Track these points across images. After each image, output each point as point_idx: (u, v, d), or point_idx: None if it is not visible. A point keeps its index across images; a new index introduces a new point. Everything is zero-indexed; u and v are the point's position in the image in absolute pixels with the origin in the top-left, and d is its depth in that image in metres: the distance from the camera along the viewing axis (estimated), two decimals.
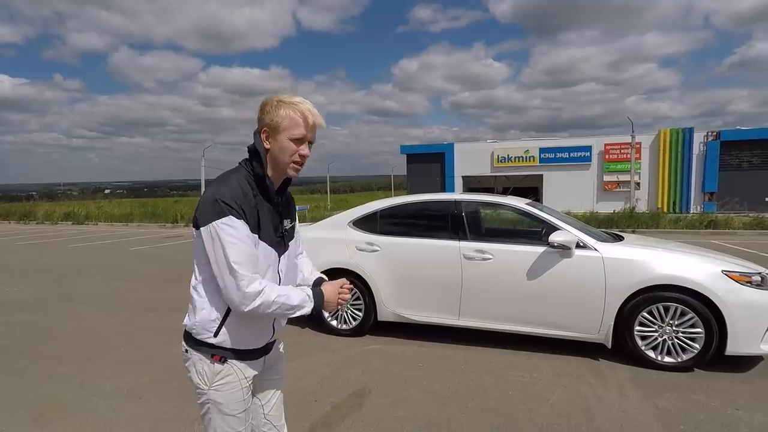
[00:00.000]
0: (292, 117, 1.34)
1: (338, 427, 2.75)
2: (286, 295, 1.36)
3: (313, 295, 1.43)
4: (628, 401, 3.04)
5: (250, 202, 1.34)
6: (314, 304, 1.42)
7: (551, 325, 3.82)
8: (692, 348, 3.44)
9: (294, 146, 1.36)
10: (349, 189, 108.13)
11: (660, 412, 2.89)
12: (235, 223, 1.29)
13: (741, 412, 2.87)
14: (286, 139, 1.34)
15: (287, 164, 1.38)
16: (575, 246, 3.71)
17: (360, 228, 4.51)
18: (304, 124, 1.35)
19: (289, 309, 1.37)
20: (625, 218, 14.76)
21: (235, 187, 1.33)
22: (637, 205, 19.18)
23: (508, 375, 3.49)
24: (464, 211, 4.24)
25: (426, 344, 4.20)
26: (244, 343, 1.43)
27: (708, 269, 3.48)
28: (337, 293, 1.49)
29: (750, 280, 3.43)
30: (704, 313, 3.37)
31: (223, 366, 1.40)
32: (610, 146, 25.17)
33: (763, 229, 13.23)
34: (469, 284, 3.98)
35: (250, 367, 1.47)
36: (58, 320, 5.15)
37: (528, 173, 27.35)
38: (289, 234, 1.53)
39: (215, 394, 1.41)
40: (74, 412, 2.97)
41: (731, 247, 10.09)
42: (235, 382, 1.42)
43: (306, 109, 1.36)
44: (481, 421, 2.81)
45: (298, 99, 1.37)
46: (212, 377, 1.40)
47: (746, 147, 22.96)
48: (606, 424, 2.75)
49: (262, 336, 1.48)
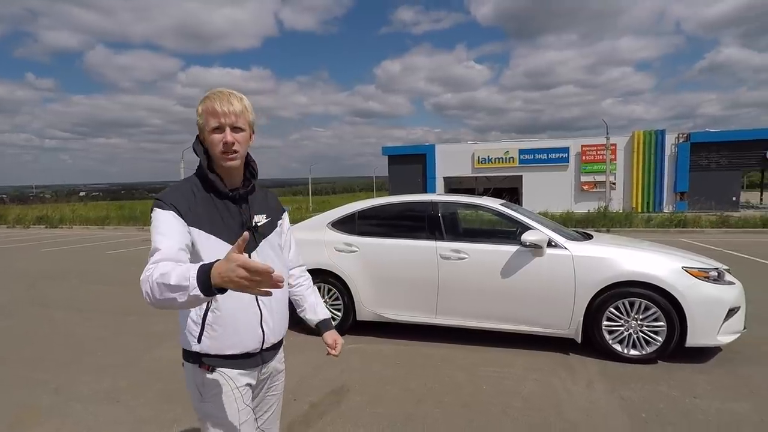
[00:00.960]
0: (205, 111, 1.33)
1: (316, 425, 2.82)
2: (167, 273, 1.08)
3: (200, 269, 1.05)
4: (595, 393, 3.19)
5: (190, 197, 1.32)
6: (199, 282, 1.03)
7: (524, 322, 3.95)
8: (656, 341, 3.62)
9: (216, 137, 1.33)
10: (331, 190, 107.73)
11: (624, 401, 3.04)
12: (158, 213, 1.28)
13: (699, 400, 3.04)
14: (209, 135, 1.33)
15: (220, 157, 1.35)
16: (546, 245, 3.86)
17: (339, 229, 4.58)
18: (213, 113, 1.32)
19: (171, 290, 1.07)
20: (599, 218, 15.20)
21: (176, 187, 1.35)
22: (610, 204, 19.72)
23: (482, 371, 3.61)
24: (441, 211, 4.35)
25: (404, 343, 4.29)
26: (229, 347, 1.36)
27: (669, 266, 3.67)
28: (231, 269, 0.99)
29: (708, 275, 3.63)
30: (666, 308, 3.56)
31: (212, 375, 1.35)
32: (587, 148, 25.85)
33: (728, 228, 13.81)
34: (446, 283, 4.09)
35: (243, 375, 1.40)
36: (32, 325, 5.06)
37: (508, 174, 27.83)
38: (262, 230, 1.46)
39: (208, 407, 1.35)
40: (51, 417, 2.96)
41: (698, 244, 10.51)
42: (228, 392, 1.35)
43: (215, 98, 1.33)
44: (455, 415, 2.92)
45: (212, 91, 1.36)
46: (204, 389, 1.35)
47: (714, 148, 23.89)
48: (574, 415, 2.88)
49: (249, 338, 1.38)
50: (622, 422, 2.78)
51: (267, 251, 1.44)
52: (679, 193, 24.33)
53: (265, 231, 1.46)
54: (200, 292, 1.03)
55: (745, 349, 3.87)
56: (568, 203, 23.59)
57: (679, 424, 2.74)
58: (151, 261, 1.17)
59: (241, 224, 1.39)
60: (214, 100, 1.32)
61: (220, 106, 1.31)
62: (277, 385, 1.58)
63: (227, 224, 1.36)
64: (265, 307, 1.41)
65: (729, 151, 23.76)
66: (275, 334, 1.46)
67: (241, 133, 1.35)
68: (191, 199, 1.32)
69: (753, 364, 3.60)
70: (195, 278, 1.04)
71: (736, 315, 3.62)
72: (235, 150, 1.34)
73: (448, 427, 2.77)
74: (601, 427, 2.72)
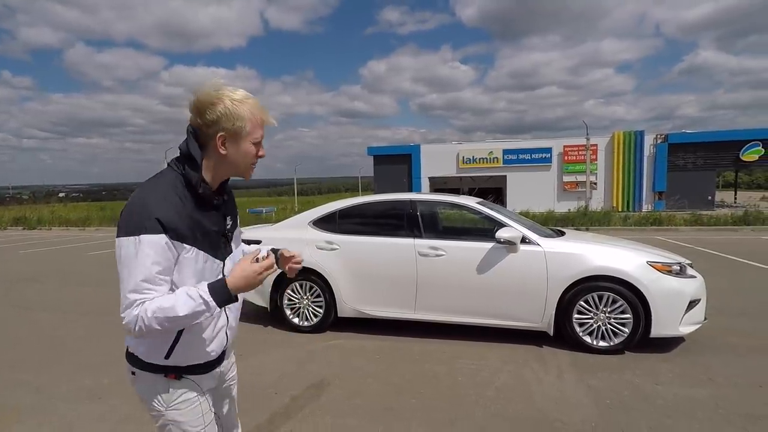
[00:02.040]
0: (252, 120, 1.24)
1: (296, 417, 2.91)
2: (169, 307, 1.13)
3: (212, 289, 1.17)
4: (564, 383, 3.34)
5: (181, 209, 1.20)
6: (220, 299, 1.18)
7: (499, 316, 4.10)
8: (622, 332, 3.80)
9: (255, 150, 1.28)
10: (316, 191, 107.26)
11: (591, 390, 3.20)
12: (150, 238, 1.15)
13: (660, 387, 3.22)
14: (249, 144, 1.25)
15: (247, 169, 1.30)
16: (520, 241, 4.01)
17: (320, 227, 4.67)
18: (262, 126, 1.27)
19: (182, 320, 1.15)
20: (579, 217, 15.56)
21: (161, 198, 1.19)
22: (591, 204, 20.16)
23: (459, 363, 3.74)
24: (419, 210, 4.47)
25: (384, 338, 4.40)
26: (199, 357, 1.35)
27: (635, 260, 3.85)
28: (252, 266, 1.22)
29: (670, 269, 3.83)
30: (632, 300, 3.74)
31: (179, 383, 1.32)
32: (569, 148, 26.33)
33: (701, 226, 14.28)
34: (424, 280, 4.21)
35: (208, 379, 1.40)
36: (11, 327, 5.03)
37: (492, 174, 28.18)
38: (232, 234, 1.42)
39: (174, 414, 1.32)
40: (32, 415, 2.98)
41: (672, 242, 10.87)
42: (194, 398, 1.35)
43: (262, 109, 1.27)
44: (432, 406, 3.03)
45: (246, 95, 1.25)
46: (169, 397, 1.31)
47: (691, 149, 24.58)
48: (544, 403, 3.03)
49: (217, 346, 1.39)
50: (588, 409, 2.93)
51: (234, 257, 1.43)
52: (658, 193, 24.98)
53: (232, 236, 1.43)
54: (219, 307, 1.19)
55: (705, 339, 4.08)
56: (551, 203, 24.00)
57: (640, 409, 2.90)
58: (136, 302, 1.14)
59: (221, 232, 1.34)
60: (265, 112, 1.27)
61: (269, 120, 1.29)
62: (233, 375, 1.61)
63: (212, 234, 1.30)
64: (231, 314, 1.42)
65: (705, 152, 24.48)
66: (234, 334, 1.48)
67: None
68: (181, 210, 1.20)
69: (713, 353, 3.80)
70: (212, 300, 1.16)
71: (697, 306, 3.81)
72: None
73: (425, 416, 2.89)
74: (568, 415, 2.87)
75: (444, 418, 2.87)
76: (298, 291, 4.60)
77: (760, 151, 23.68)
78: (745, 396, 3.06)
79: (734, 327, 4.46)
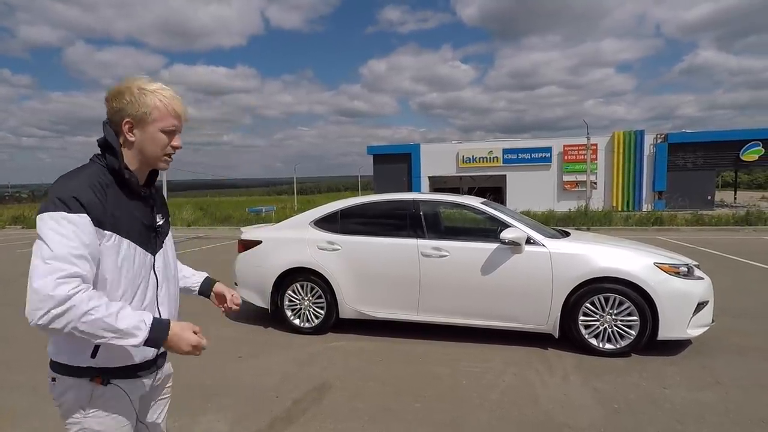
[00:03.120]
0: (161, 108, 1.23)
1: (298, 420, 2.85)
2: (113, 313, 1.09)
3: (154, 324, 1.14)
4: (570, 385, 3.29)
5: (102, 196, 1.17)
6: (150, 337, 1.12)
7: (503, 318, 4.04)
8: (629, 335, 3.74)
9: (166, 138, 1.26)
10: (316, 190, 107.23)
11: (597, 393, 3.15)
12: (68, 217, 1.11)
13: (667, 390, 3.17)
14: (157, 131, 1.24)
15: (159, 158, 1.28)
16: (525, 242, 3.95)
17: (321, 227, 4.61)
18: (176, 115, 1.26)
19: (109, 331, 1.08)
20: (580, 216, 15.52)
21: (83, 182, 1.17)
22: (590, 203, 20.13)
23: (462, 366, 3.68)
24: (422, 210, 4.41)
25: (386, 339, 4.34)
26: (127, 357, 1.24)
27: (642, 262, 3.79)
28: (188, 336, 1.20)
29: (678, 270, 3.77)
30: (639, 302, 3.68)
31: (105, 388, 1.23)
32: (569, 147, 26.28)
33: (702, 225, 14.25)
34: (427, 281, 4.15)
35: (139, 385, 1.31)
36: (6, 327, 4.96)
37: (492, 173, 28.13)
38: (163, 231, 1.39)
39: (92, 422, 1.23)
40: (28, 417, 2.92)
41: (674, 242, 10.83)
42: (119, 406, 1.25)
43: (174, 99, 1.26)
44: (434, 408, 2.98)
45: (160, 86, 1.25)
46: (89, 403, 1.22)
47: (691, 149, 24.56)
48: (549, 406, 2.97)
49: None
50: (595, 412, 2.88)
51: (167, 252, 1.41)
52: (657, 192, 24.95)
53: (164, 231, 1.41)
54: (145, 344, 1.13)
55: (713, 341, 4.03)
56: (551, 202, 23.96)
57: (648, 413, 2.85)
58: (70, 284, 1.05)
59: (149, 226, 1.32)
60: (175, 101, 1.26)
61: (183, 110, 1.28)
62: (168, 388, 1.51)
63: (139, 225, 1.28)
64: (165, 310, 1.36)
65: (705, 152, 24.46)
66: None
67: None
68: (103, 198, 1.18)
69: (720, 356, 3.75)
70: (148, 331, 1.12)
71: (705, 308, 3.76)
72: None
73: (427, 419, 2.83)
74: (575, 418, 2.81)
75: (447, 421, 2.81)
76: (299, 292, 4.53)
77: (760, 151, 23.67)
78: (754, 399, 3.01)
79: (739, 328, 4.41)
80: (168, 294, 1.39)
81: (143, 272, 1.28)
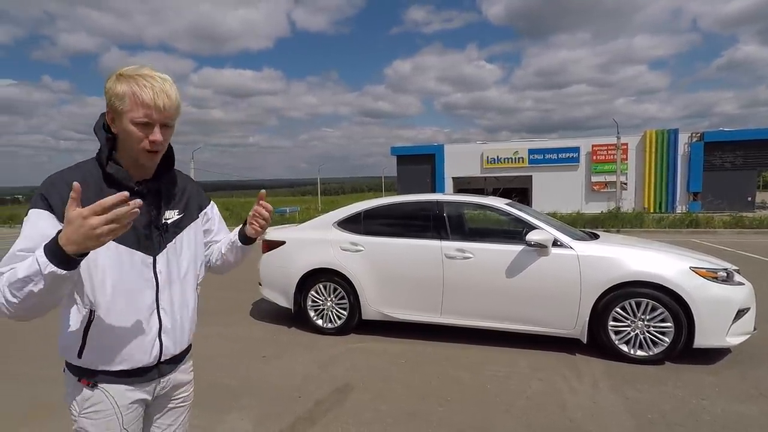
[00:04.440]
0: (130, 96, 1.09)
1: (321, 421, 2.84)
2: (14, 271, 0.97)
3: (46, 247, 0.94)
4: (599, 393, 3.17)
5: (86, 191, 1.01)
6: (50, 255, 0.92)
7: (529, 322, 3.94)
8: (663, 341, 3.59)
9: (139, 132, 1.12)
10: (340, 191, 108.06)
11: (629, 401, 3.02)
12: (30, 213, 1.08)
13: (706, 401, 3.01)
14: (128, 123, 1.11)
15: (138, 152, 1.15)
16: (552, 244, 3.84)
17: (344, 228, 4.61)
18: (144, 104, 1.09)
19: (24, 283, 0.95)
20: (610, 218, 15.04)
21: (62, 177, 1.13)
22: (621, 205, 19.50)
23: (486, 370, 3.61)
24: (446, 211, 4.35)
25: (409, 341, 4.30)
26: (116, 362, 1.19)
27: (677, 266, 3.63)
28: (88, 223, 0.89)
29: (716, 275, 3.59)
30: (673, 308, 3.52)
31: (92, 392, 1.20)
32: (598, 147, 25.56)
33: (741, 228, 13.57)
34: (451, 283, 4.09)
35: (130, 391, 1.23)
36: (37, 324, 5.16)
37: (517, 174, 27.65)
38: (173, 228, 1.28)
39: (85, 422, 1.21)
40: (65, 412, 3.02)
41: (710, 245, 10.35)
42: (108, 410, 1.20)
43: (144, 84, 1.10)
44: (458, 413, 2.92)
45: (141, 71, 1.12)
46: (81, 403, 1.20)
47: (728, 148, 23.47)
48: (578, 414, 2.87)
49: (142, 352, 1.22)
50: (627, 422, 2.76)
51: (177, 253, 1.29)
52: (693, 193, 23.95)
53: (176, 229, 1.29)
54: (56, 267, 0.91)
55: (755, 350, 3.81)
56: (579, 204, 23.36)
57: (685, 426, 2.71)
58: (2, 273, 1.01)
59: (148, 223, 1.21)
60: (145, 89, 1.09)
61: (154, 98, 1.10)
62: (184, 397, 1.41)
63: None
64: (166, 316, 1.26)
65: (744, 151, 23.32)
66: (177, 345, 1.30)
67: (170, 129, 1.18)
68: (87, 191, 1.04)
69: (763, 366, 3.54)
70: (43, 255, 0.92)
71: (746, 316, 3.56)
72: (160, 149, 1.17)
73: (451, 424, 2.78)
74: (605, 427, 2.71)
75: (472, 426, 2.75)
76: (322, 293, 4.55)
77: None
78: None
79: None
80: (171, 298, 1.27)
81: (135, 275, 1.19)
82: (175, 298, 1.28)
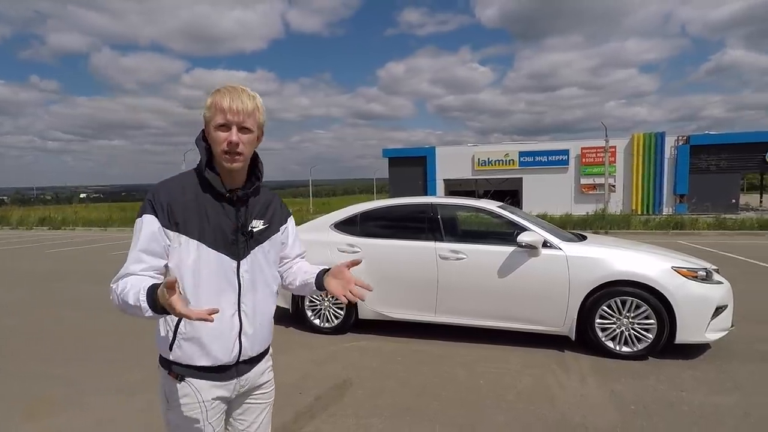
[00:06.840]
0: (213, 106, 1.25)
1: (320, 416, 2.96)
2: (126, 291, 1.16)
3: (149, 290, 1.12)
4: (587, 387, 3.33)
5: (178, 197, 1.26)
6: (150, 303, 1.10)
7: (520, 320, 4.10)
8: (646, 338, 3.76)
9: (221, 135, 1.25)
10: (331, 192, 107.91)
11: (614, 395, 3.18)
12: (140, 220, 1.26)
13: (685, 393, 3.19)
14: (213, 130, 1.26)
15: (220, 156, 1.26)
16: (542, 245, 4.00)
17: (341, 230, 4.73)
18: (222, 109, 1.24)
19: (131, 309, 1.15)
20: (597, 220, 15.35)
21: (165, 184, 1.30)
22: (609, 207, 19.86)
23: (479, 367, 3.75)
24: (440, 214, 4.50)
25: (404, 340, 4.44)
26: (199, 357, 1.29)
27: (660, 266, 3.81)
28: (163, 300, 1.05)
29: (696, 275, 3.78)
30: (656, 306, 3.70)
31: (179, 384, 1.30)
32: (587, 150, 26.00)
33: (724, 230, 13.94)
34: (445, 283, 4.24)
35: (213, 387, 1.32)
36: (41, 324, 5.21)
37: (508, 176, 27.97)
38: (258, 237, 1.38)
39: (171, 415, 1.32)
40: (66, 408, 3.10)
41: (694, 246, 10.65)
42: (193, 404, 1.30)
43: (224, 92, 1.26)
44: (452, 408, 3.06)
45: (227, 85, 1.28)
46: (170, 396, 1.32)
47: (714, 151, 24.03)
48: (566, 408, 3.02)
49: (223, 351, 1.30)
50: (612, 414, 2.92)
51: (259, 260, 1.38)
52: (679, 196, 24.47)
53: (260, 238, 1.38)
54: (154, 313, 1.10)
55: (733, 346, 4.01)
56: (568, 205, 23.71)
57: (665, 416, 2.88)
58: (121, 273, 1.24)
59: (236, 228, 1.32)
60: (224, 95, 1.25)
61: (230, 102, 1.24)
62: (264, 395, 1.49)
63: (219, 228, 1.29)
64: (246, 318, 1.35)
65: (729, 154, 23.90)
66: (255, 347, 1.39)
67: (249, 134, 1.28)
68: (179, 198, 1.26)
69: (739, 361, 3.74)
70: (145, 300, 1.11)
71: (723, 313, 3.76)
72: (240, 152, 1.26)
73: (445, 418, 2.91)
74: (592, 420, 2.86)
75: (466, 420, 2.89)
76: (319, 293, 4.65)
77: None
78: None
79: (761, 334, 4.37)
80: (254, 303, 1.36)
81: (221, 277, 1.29)
82: (256, 302, 1.37)
